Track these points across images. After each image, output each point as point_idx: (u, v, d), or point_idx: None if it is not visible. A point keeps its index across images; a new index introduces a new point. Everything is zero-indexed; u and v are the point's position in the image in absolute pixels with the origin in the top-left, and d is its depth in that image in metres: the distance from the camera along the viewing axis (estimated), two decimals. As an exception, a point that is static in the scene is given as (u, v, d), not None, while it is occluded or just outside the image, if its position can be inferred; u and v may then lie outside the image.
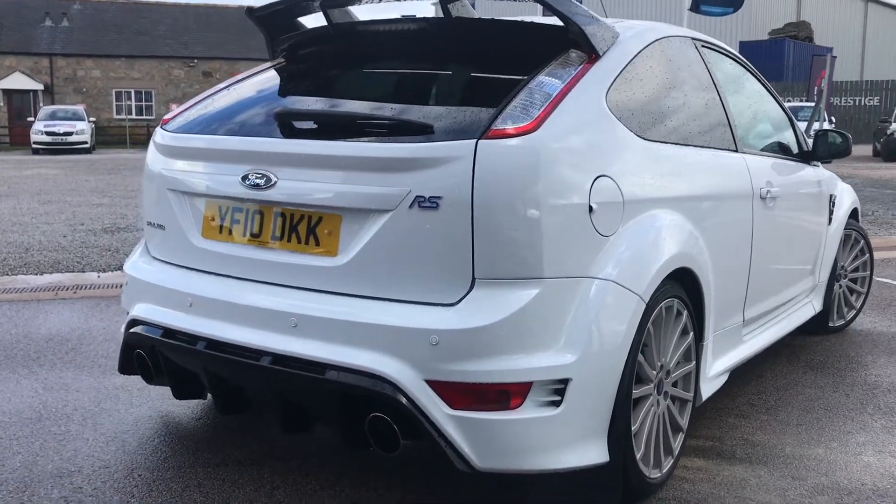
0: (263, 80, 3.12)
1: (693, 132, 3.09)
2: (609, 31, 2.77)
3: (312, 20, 3.24)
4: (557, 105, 2.41)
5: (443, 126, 2.37)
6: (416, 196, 2.29)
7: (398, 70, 3.02)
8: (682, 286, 2.80)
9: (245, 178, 2.57)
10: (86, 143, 29.69)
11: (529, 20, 2.94)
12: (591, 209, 2.39)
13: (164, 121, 3.06)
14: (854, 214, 4.87)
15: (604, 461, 2.43)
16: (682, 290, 2.79)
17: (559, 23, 2.65)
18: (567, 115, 2.42)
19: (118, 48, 40.38)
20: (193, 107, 3.06)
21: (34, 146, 29.27)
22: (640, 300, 2.48)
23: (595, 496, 2.54)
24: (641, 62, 2.87)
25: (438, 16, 3.00)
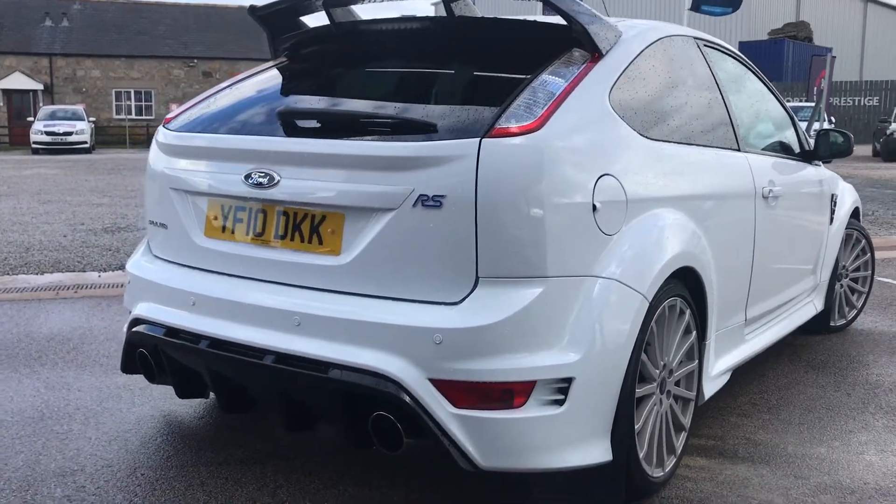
0: (266, 79, 3.11)
1: (696, 131, 3.09)
2: (612, 31, 2.77)
3: (314, 19, 3.24)
4: (561, 104, 2.41)
5: (446, 125, 2.37)
6: (420, 195, 2.29)
7: (401, 69, 3.01)
8: (685, 285, 2.80)
9: (248, 177, 2.57)
10: (85, 143, 29.68)
11: (532, 19, 2.94)
12: (595, 208, 2.39)
13: (167, 120, 3.06)
14: (855, 214, 4.88)
15: (607, 460, 2.43)
16: (685, 289, 2.79)
17: (562, 22, 2.65)
18: (570, 114, 2.42)
19: (118, 48, 40.36)
20: (196, 106, 3.06)
21: (34, 146, 29.26)
22: (644, 299, 2.48)
23: (598, 495, 2.54)
24: (644, 61, 2.87)
25: (441, 15, 3.00)
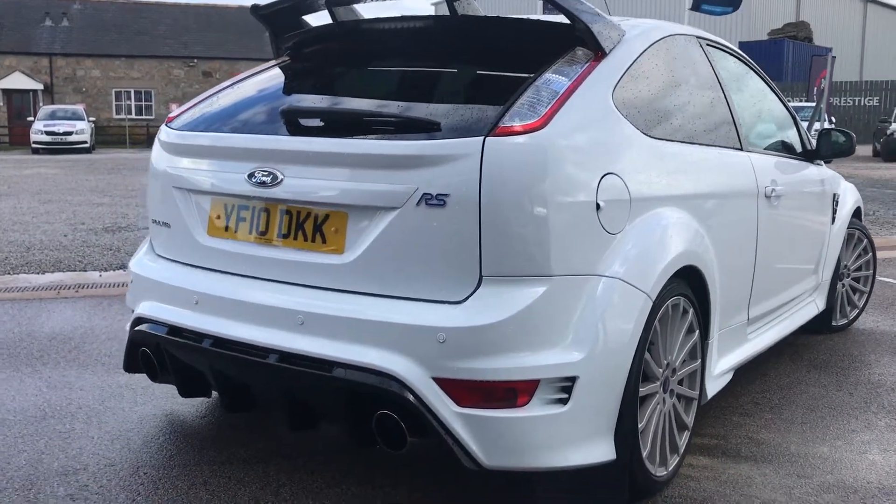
0: (268, 78, 3.11)
1: (698, 130, 3.09)
2: (615, 30, 2.76)
3: (317, 18, 3.24)
4: (564, 102, 2.41)
5: (450, 123, 2.37)
6: (424, 193, 2.29)
7: (404, 68, 3.01)
8: (689, 284, 2.79)
9: (251, 176, 2.57)
10: (85, 143, 29.69)
11: (535, 18, 2.94)
12: (599, 207, 2.39)
13: (170, 119, 3.05)
14: (857, 213, 4.87)
15: (610, 459, 2.42)
16: (688, 288, 2.79)
17: (565, 20, 2.65)
18: (574, 113, 2.42)
19: (118, 48, 40.37)
20: (199, 104, 3.05)
21: (34, 146, 29.27)
22: (648, 298, 2.48)
23: (601, 494, 2.54)
24: (647, 60, 2.86)
25: (444, 14, 2.99)
